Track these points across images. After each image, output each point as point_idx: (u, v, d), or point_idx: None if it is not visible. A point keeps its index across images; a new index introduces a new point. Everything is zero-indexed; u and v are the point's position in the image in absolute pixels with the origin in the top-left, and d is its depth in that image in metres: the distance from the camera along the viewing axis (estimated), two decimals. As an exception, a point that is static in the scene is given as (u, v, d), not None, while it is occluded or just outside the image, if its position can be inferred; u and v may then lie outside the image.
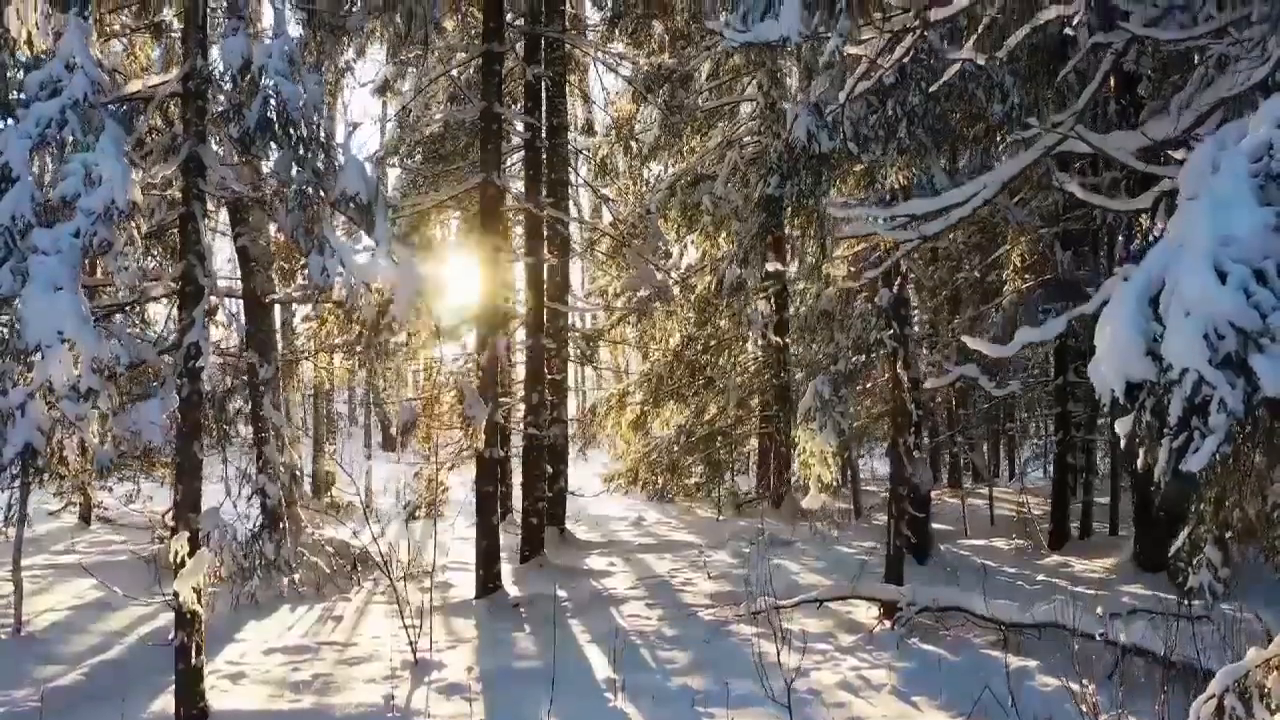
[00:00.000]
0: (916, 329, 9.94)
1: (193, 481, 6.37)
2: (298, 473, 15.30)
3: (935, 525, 15.01)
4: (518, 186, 15.92)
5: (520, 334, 15.58)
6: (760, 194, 10.41)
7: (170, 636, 7.06)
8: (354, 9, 10.27)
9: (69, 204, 6.36)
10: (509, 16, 11.76)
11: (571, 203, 16.33)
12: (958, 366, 8.84)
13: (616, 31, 15.63)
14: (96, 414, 6.02)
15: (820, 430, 9.59)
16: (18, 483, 6.03)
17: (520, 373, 16.74)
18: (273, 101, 6.39)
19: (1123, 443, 3.91)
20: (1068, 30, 5.47)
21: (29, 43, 6.49)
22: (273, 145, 6.43)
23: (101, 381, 6.03)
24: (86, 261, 6.57)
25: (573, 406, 21.68)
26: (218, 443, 6.75)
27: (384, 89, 17.84)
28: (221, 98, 6.87)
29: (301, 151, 6.39)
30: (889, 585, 9.64)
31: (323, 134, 6.52)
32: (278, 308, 15.61)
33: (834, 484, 9.91)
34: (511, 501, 17.46)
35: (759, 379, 19.17)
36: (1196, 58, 6.08)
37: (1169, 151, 5.52)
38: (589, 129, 17.88)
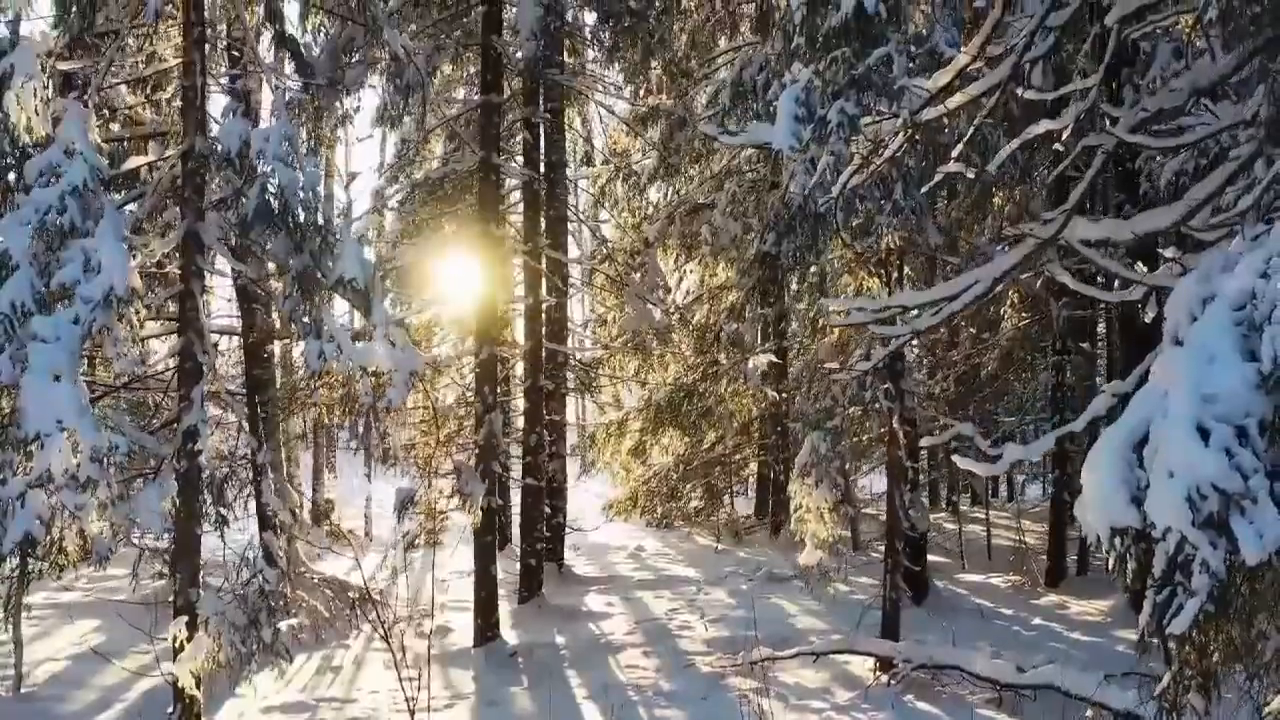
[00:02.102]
0: (914, 380, 9.95)
1: (192, 565, 6.41)
2: (296, 510, 15.41)
3: (932, 557, 15.04)
4: (517, 216, 16.02)
5: (518, 367, 15.65)
6: (757, 251, 10.45)
7: (169, 710, 7.11)
8: (352, 62, 10.32)
9: (68, 290, 6.41)
10: (510, 53, 11.77)
11: (571, 237, 16.37)
12: (954, 425, 8.88)
13: (615, 65, 15.66)
14: (95, 503, 6.07)
15: (817, 485, 9.63)
16: (16, 573, 6.06)
17: (519, 403, 16.84)
18: (270, 188, 6.44)
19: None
20: (1057, 145, 5.53)
21: (29, 129, 6.53)
22: (271, 231, 6.47)
23: (101, 471, 6.08)
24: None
25: (572, 434, 21.68)
26: (216, 527, 6.80)
27: (384, 116, 17.90)
28: (220, 181, 6.92)
29: (299, 237, 6.44)
30: (885, 641, 9.68)
31: (320, 218, 6.56)
32: (277, 344, 15.70)
33: (830, 539, 9.94)
34: (511, 532, 17.50)
35: (758, 407, 19.22)
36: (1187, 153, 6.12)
37: (1160, 250, 5.56)
38: (588, 160, 17.93)
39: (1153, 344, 8.33)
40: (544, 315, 13.83)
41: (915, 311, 5.95)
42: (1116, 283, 7.63)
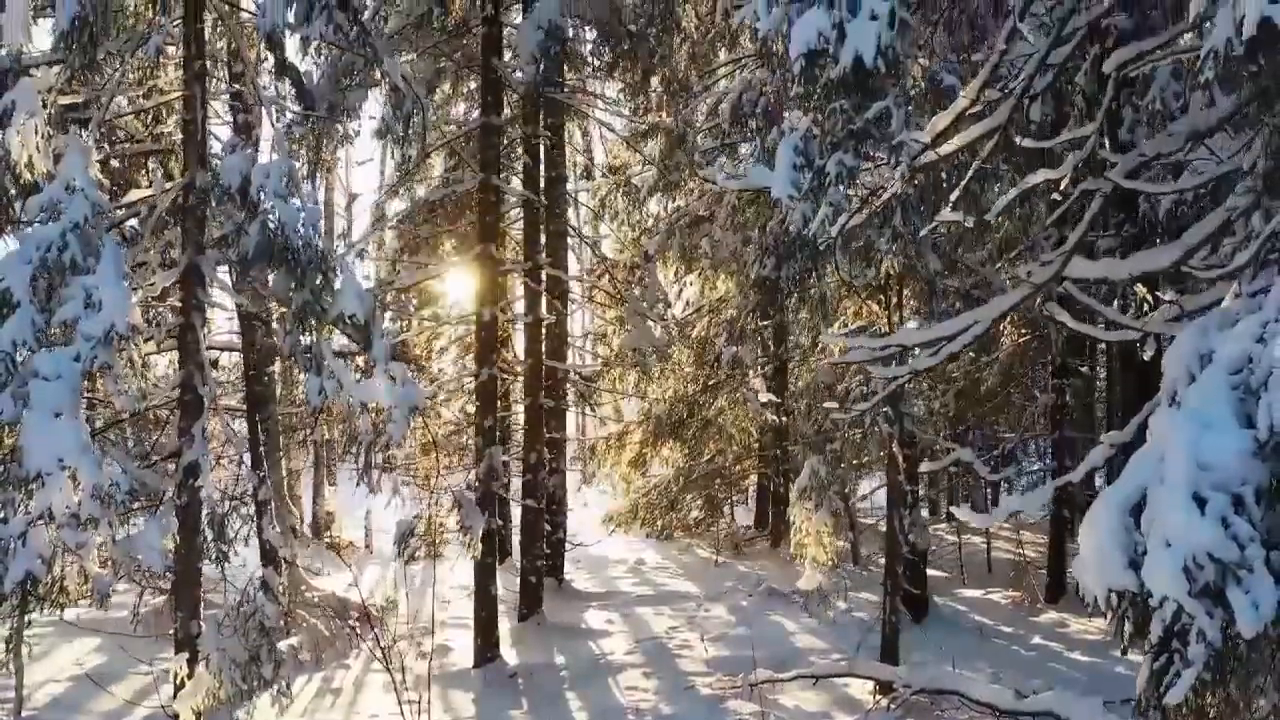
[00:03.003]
0: (913, 402, 9.97)
1: (192, 600, 6.42)
2: (296, 526, 15.43)
3: (931, 571, 15.04)
4: (517, 228, 16.04)
5: (518, 383, 15.66)
6: (757, 274, 10.46)
7: (170, 742, 7.12)
8: (352, 85, 10.34)
9: (69, 327, 6.43)
10: (510, 75, 11.76)
11: (571, 252, 16.39)
12: (954, 449, 8.89)
13: (614, 82, 15.66)
14: (97, 541, 6.08)
15: (816, 510, 9.64)
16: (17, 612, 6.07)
17: (518, 411, 16.86)
18: (271, 224, 6.45)
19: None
20: (1055, 195, 5.54)
21: (30, 165, 6.55)
22: (271, 268, 6.49)
23: (102, 509, 6.09)
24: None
25: (572, 445, 21.70)
26: (217, 563, 6.81)
27: (384, 133, 17.91)
28: (221, 218, 6.94)
29: (299, 274, 6.45)
30: (885, 666, 9.69)
31: (320, 254, 6.58)
32: (278, 359, 15.71)
33: (830, 563, 9.95)
34: (511, 545, 17.51)
35: (756, 429, 19.21)
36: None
37: (1158, 293, 5.58)
38: (588, 174, 17.94)
39: (1151, 376, 8.37)
40: (544, 331, 13.83)
41: (915, 350, 5.96)
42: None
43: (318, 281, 6.51)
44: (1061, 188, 5.19)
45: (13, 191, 6.54)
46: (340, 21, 6.72)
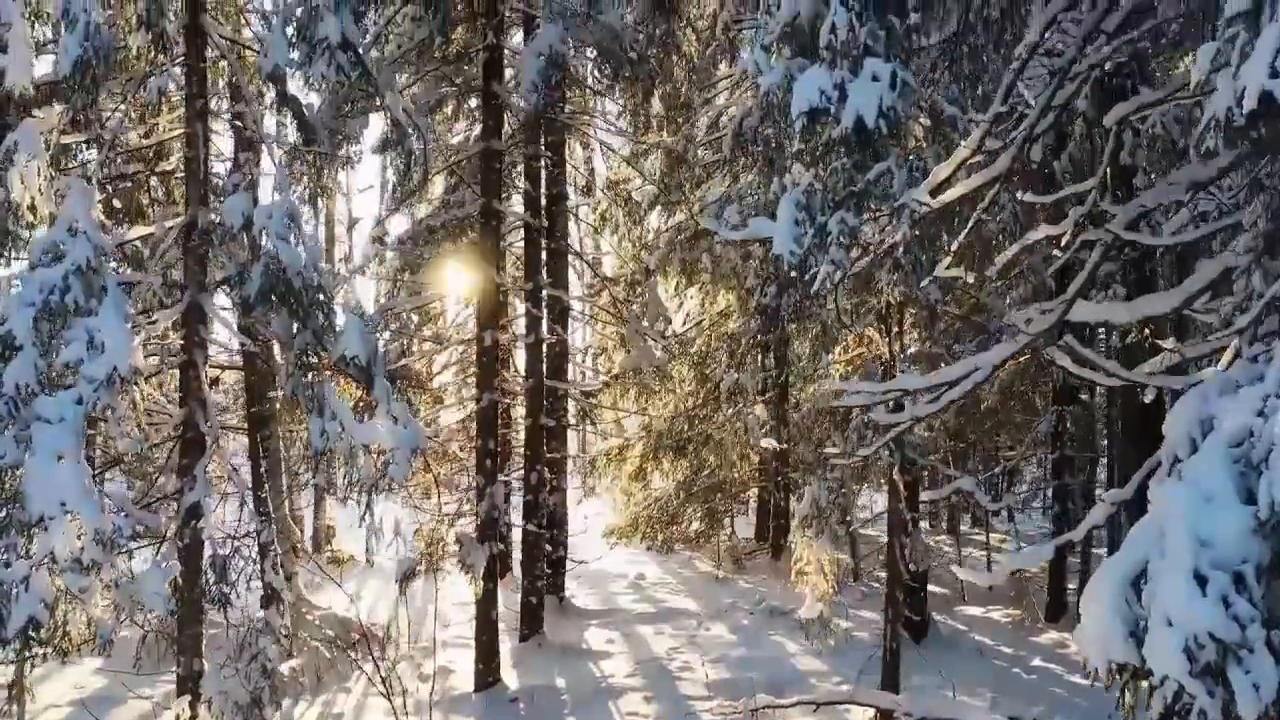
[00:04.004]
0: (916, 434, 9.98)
1: (194, 640, 6.43)
2: (298, 545, 15.41)
3: (932, 587, 15.06)
4: (518, 246, 16.04)
5: (519, 401, 15.66)
6: (757, 302, 10.47)
7: (172, 778, 7.13)
8: (354, 112, 10.35)
9: (72, 370, 6.44)
10: (511, 100, 11.76)
11: (572, 269, 16.39)
12: (954, 480, 8.90)
13: (614, 98, 15.67)
14: (99, 586, 6.09)
15: (817, 537, 9.65)
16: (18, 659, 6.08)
17: (519, 424, 16.87)
18: (273, 267, 6.46)
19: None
20: (1055, 252, 5.55)
21: (32, 208, 6.56)
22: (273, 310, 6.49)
23: (104, 553, 6.10)
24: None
25: (572, 458, 21.68)
26: (218, 607, 6.82)
27: (384, 148, 17.93)
28: (223, 259, 6.95)
29: (301, 316, 6.46)
30: (886, 694, 9.68)
31: (322, 295, 6.59)
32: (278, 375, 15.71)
33: (831, 592, 9.96)
34: (511, 560, 17.51)
35: (759, 451, 19.21)
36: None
37: (1158, 342, 5.59)
38: (589, 189, 17.95)
39: (1152, 411, 8.38)
40: (545, 350, 13.84)
41: (916, 395, 5.97)
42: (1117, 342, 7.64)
43: (320, 323, 6.53)
44: (1063, 244, 5.20)
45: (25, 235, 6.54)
46: (342, 62, 6.73)
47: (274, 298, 6.41)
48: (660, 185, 14.55)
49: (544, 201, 14.17)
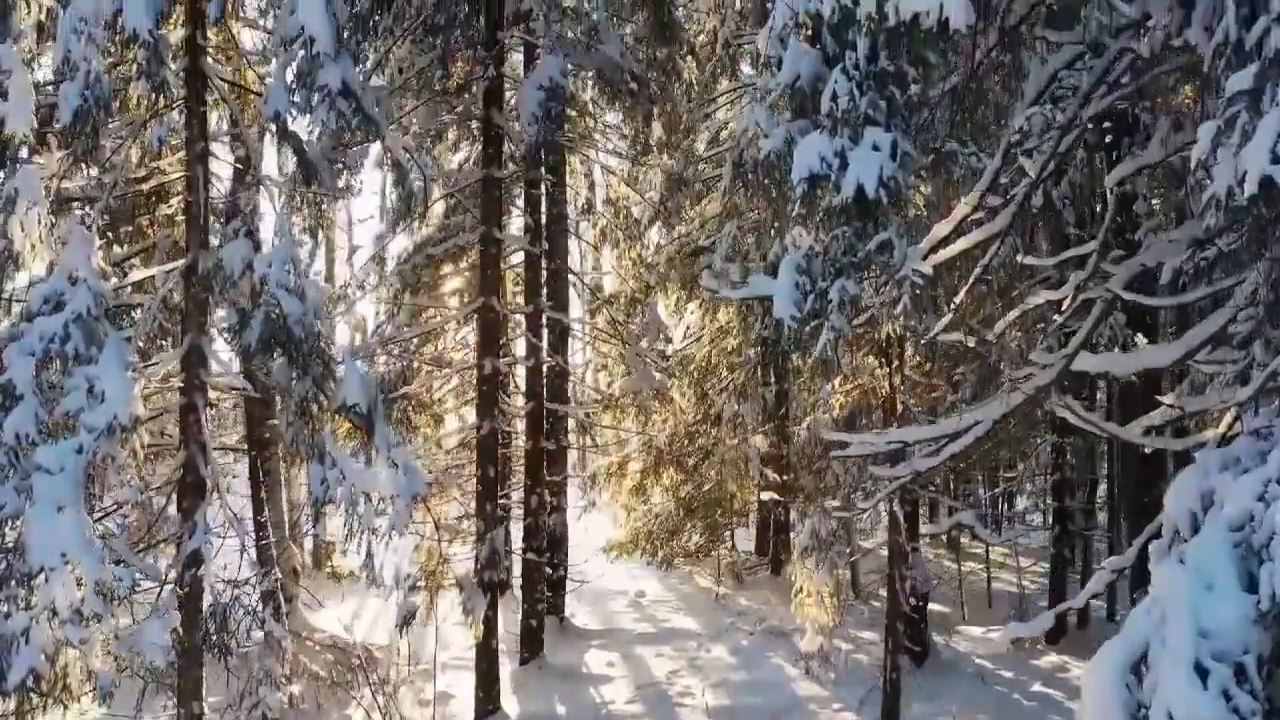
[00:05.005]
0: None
1: (194, 687, 6.43)
2: (299, 567, 15.41)
3: (933, 606, 15.06)
4: (518, 263, 16.03)
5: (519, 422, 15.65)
6: (757, 334, 10.47)
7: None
8: (354, 144, 10.34)
9: (72, 419, 6.44)
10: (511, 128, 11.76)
11: (573, 289, 16.39)
12: (955, 514, 8.90)
13: (617, 119, 15.68)
14: (99, 637, 6.09)
15: (818, 569, 9.65)
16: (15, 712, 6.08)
17: (520, 440, 16.86)
18: (274, 315, 6.46)
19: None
20: (1056, 317, 5.56)
21: (33, 255, 6.56)
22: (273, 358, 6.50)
23: (104, 604, 6.10)
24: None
25: (572, 469, 21.66)
26: (219, 657, 6.82)
27: (383, 164, 17.92)
28: (224, 307, 6.96)
29: (302, 365, 6.46)
30: (885, 727, 9.71)
31: (322, 342, 6.59)
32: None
33: (832, 624, 9.96)
34: (511, 578, 17.50)
35: (761, 427, 19.19)
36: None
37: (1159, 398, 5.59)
38: (589, 207, 17.95)
39: (1152, 466, 8.42)
40: (544, 373, 13.83)
41: (916, 448, 5.98)
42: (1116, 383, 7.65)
43: (320, 372, 6.53)
44: (1063, 308, 5.20)
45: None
46: (343, 109, 6.74)
47: (274, 346, 6.41)
48: (661, 208, 14.55)
49: (544, 220, 14.17)
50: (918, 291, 4.69)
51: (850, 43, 4.59)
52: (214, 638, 6.71)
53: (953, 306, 5.51)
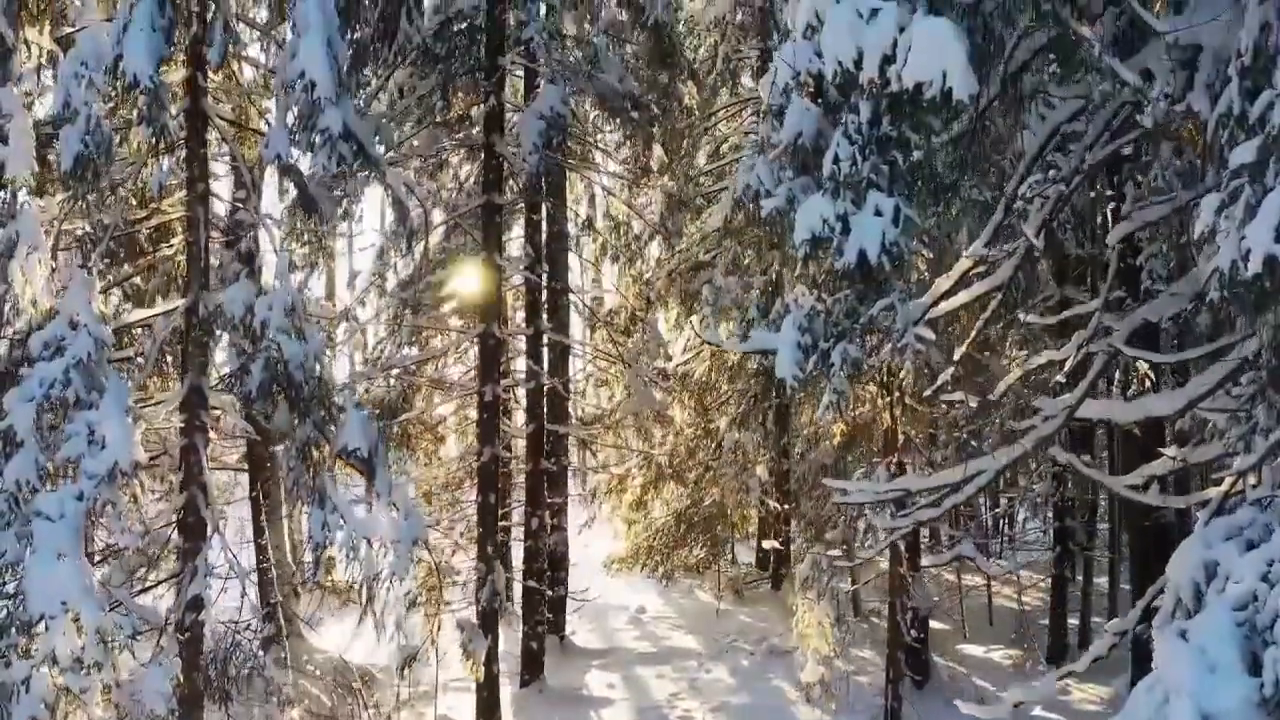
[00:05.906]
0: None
1: (195, 734, 6.42)
2: (299, 588, 15.39)
3: (934, 624, 15.04)
4: (518, 278, 16.04)
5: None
6: (758, 364, 10.47)
7: None
8: (354, 173, 10.33)
9: (72, 464, 6.43)
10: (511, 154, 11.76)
11: (574, 309, 16.40)
12: (955, 546, 8.90)
13: (617, 140, 15.68)
14: (100, 686, 6.09)
15: (819, 600, 9.65)
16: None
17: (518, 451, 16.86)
18: (274, 359, 6.45)
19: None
20: (1058, 379, 5.56)
21: (33, 301, 6.55)
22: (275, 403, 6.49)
23: (104, 652, 6.10)
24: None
25: (572, 482, 21.66)
26: (220, 704, 6.82)
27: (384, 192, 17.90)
28: (224, 348, 6.96)
29: (303, 410, 6.46)
30: (887, 758, 9.70)
31: (324, 387, 6.58)
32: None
33: (833, 655, 9.96)
34: (512, 594, 17.48)
35: (761, 456, 19.17)
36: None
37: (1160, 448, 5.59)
38: (589, 224, 17.95)
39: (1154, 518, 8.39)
40: (545, 394, 13.83)
41: (919, 496, 5.98)
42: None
43: (321, 416, 6.52)
44: (1066, 368, 5.20)
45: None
46: (344, 152, 6.73)
47: (276, 392, 6.41)
48: (661, 228, 14.56)
49: (544, 239, 14.17)
50: (919, 355, 4.67)
51: (853, 106, 4.59)
52: (215, 683, 6.71)
53: (955, 360, 5.50)
